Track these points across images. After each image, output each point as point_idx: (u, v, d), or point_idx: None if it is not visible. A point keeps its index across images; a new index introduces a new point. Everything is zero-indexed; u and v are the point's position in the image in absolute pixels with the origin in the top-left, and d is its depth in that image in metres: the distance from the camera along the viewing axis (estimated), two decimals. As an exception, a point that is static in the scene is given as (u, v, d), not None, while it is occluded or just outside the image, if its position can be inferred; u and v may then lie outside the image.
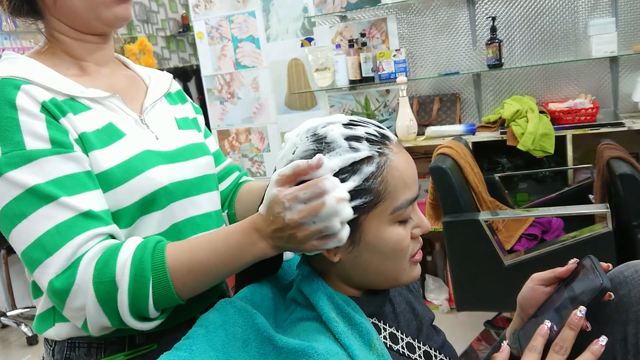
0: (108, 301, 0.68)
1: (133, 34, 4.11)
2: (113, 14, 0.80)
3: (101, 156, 0.76)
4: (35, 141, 0.70)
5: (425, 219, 0.73)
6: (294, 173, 0.65)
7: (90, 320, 0.70)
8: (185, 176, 0.85)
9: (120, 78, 0.89)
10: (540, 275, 0.76)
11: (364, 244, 0.69)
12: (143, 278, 0.68)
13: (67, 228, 0.69)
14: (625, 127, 2.28)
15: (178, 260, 0.70)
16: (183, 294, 0.71)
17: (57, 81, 0.77)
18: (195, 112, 1.01)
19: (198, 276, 0.71)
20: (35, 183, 0.69)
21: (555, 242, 1.84)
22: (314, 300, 0.70)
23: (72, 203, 0.70)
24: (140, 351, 0.82)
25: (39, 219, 0.69)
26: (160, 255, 0.70)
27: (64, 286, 0.68)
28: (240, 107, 3.31)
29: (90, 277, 0.68)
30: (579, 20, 2.56)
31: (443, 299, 2.75)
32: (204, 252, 0.70)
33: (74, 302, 0.69)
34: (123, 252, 0.69)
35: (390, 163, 0.68)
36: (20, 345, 3.05)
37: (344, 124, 0.70)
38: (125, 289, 0.68)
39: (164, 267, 0.69)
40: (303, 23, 3.05)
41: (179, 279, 0.70)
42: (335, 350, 0.64)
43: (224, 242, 0.70)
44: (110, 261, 0.69)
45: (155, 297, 0.69)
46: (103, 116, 0.79)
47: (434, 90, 2.89)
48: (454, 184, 1.90)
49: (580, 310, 0.64)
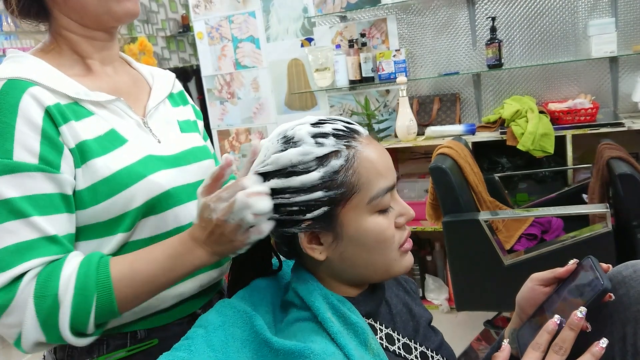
0: (48, 316, 0.68)
1: (133, 34, 4.11)
2: (122, 8, 0.81)
3: (102, 163, 0.76)
4: (24, 153, 0.70)
5: (407, 207, 0.74)
6: (212, 179, 0.71)
7: (25, 336, 0.68)
8: (188, 180, 0.85)
9: (124, 77, 0.90)
10: (540, 275, 0.76)
11: (346, 237, 0.70)
12: (87, 292, 0.69)
13: (27, 249, 0.69)
14: (625, 127, 2.28)
15: (121, 272, 0.71)
16: (123, 307, 0.72)
17: (62, 83, 0.77)
18: (195, 116, 1.02)
19: (140, 287, 0.72)
20: (11, 196, 0.68)
21: (555, 242, 1.85)
22: (310, 301, 0.70)
23: (40, 224, 0.70)
24: (141, 347, 0.82)
25: (3, 233, 0.68)
26: (104, 270, 0.71)
27: (1, 301, 0.67)
28: (240, 107, 3.31)
29: (30, 293, 0.67)
30: (578, 20, 2.56)
31: (443, 298, 2.75)
32: (144, 263, 0.72)
33: (9, 318, 0.68)
34: (66, 267, 0.69)
35: (360, 155, 0.69)
36: (21, 345, 3.05)
37: (312, 124, 0.72)
38: (68, 304, 0.68)
39: (109, 281, 0.70)
40: (303, 23, 3.05)
41: (121, 292, 0.71)
42: (331, 350, 0.64)
43: (163, 252, 0.73)
44: (53, 276, 0.68)
45: (97, 312, 0.70)
46: (106, 122, 0.79)
47: (434, 90, 2.89)
48: (453, 184, 1.90)
49: (581, 311, 0.64)
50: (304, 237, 0.70)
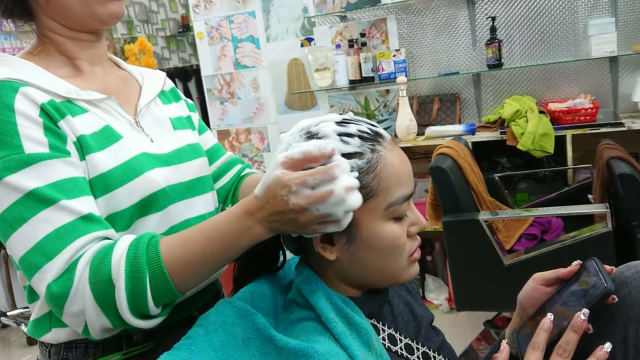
0: (106, 300, 0.67)
1: (133, 34, 4.11)
2: (107, 11, 0.80)
3: (100, 159, 0.75)
4: (33, 145, 0.70)
5: (421, 216, 0.73)
6: (304, 158, 0.63)
7: (90, 323, 0.68)
8: (181, 179, 0.85)
9: (114, 78, 0.89)
10: (542, 275, 0.76)
11: (359, 240, 0.69)
12: (139, 273, 0.67)
13: (67, 231, 0.68)
14: (625, 127, 2.28)
15: (173, 253, 0.69)
16: (181, 286, 0.70)
17: (53, 83, 0.76)
18: (189, 109, 1.01)
19: (195, 267, 0.70)
20: (35, 187, 0.68)
21: (555, 242, 1.85)
22: (313, 300, 0.70)
23: (72, 206, 0.69)
24: (137, 350, 0.82)
25: (39, 223, 0.68)
26: (154, 250, 0.69)
27: (62, 290, 0.67)
28: (240, 107, 3.31)
29: (86, 279, 0.67)
30: (578, 20, 2.56)
31: (443, 298, 2.75)
32: (198, 243, 0.69)
33: (72, 307, 0.67)
34: (117, 249, 0.69)
35: (384, 160, 0.68)
36: (20, 345, 3.06)
37: (337, 122, 0.70)
38: (122, 286, 0.67)
39: (159, 261, 0.68)
40: (303, 23, 3.05)
41: (176, 272, 0.69)
42: (336, 351, 0.64)
43: (218, 230, 0.69)
44: (105, 260, 0.67)
45: (153, 292, 0.68)
46: (100, 119, 0.79)
47: (434, 90, 2.89)
48: (453, 184, 1.90)
49: (584, 313, 0.64)
50: (318, 236, 0.69)
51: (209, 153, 1.01)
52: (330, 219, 0.63)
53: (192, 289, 0.73)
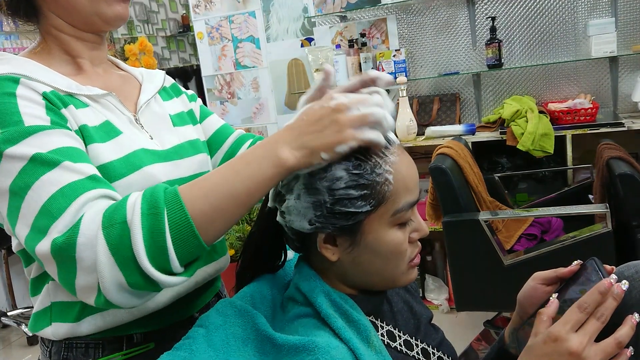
0: (121, 248, 0.60)
1: (133, 34, 4.11)
2: (112, 10, 0.80)
3: (101, 150, 0.75)
4: (34, 119, 0.69)
5: (423, 223, 0.73)
6: (317, 90, 0.71)
7: (102, 279, 0.61)
8: (181, 174, 0.85)
9: (114, 77, 0.90)
10: (543, 274, 0.76)
11: (363, 245, 0.69)
12: (156, 210, 0.61)
13: (72, 190, 0.64)
14: (624, 127, 2.28)
15: (191, 187, 0.64)
16: (205, 230, 0.63)
17: (54, 78, 0.77)
18: (189, 100, 1.00)
19: (216, 201, 0.63)
20: (36, 152, 0.66)
21: (554, 242, 1.85)
22: (312, 297, 0.70)
23: (76, 167, 0.66)
24: (137, 350, 0.82)
25: (43, 186, 0.64)
26: (172, 189, 0.64)
27: (69, 239, 0.61)
28: (240, 107, 3.31)
29: (98, 226, 0.61)
30: (578, 20, 2.56)
31: (443, 298, 2.75)
32: (219, 173, 0.65)
33: (84, 260, 0.61)
34: (132, 196, 0.64)
35: (394, 166, 0.68)
36: (21, 345, 3.06)
37: None
38: (138, 225, 0.60)
39: (177, 196, 0.62)
40: (303, 23, 3.05)
41: (197, 208, 0.62)
42: (336, 344, 0.64)
43: (241, 159, 0.65)
44: (119, 207, 0.62)
45: (173, 233, 0.61)
46: (100, 114, 0.79)
47: (434, 90, 2.89)
48: (453, 184, 1.90)
49: (624, 283, 0.64)
50: (321, 236, 0.69)
51: (217, 134, 1.01)
52: (371, 120, 0.64)
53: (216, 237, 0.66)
